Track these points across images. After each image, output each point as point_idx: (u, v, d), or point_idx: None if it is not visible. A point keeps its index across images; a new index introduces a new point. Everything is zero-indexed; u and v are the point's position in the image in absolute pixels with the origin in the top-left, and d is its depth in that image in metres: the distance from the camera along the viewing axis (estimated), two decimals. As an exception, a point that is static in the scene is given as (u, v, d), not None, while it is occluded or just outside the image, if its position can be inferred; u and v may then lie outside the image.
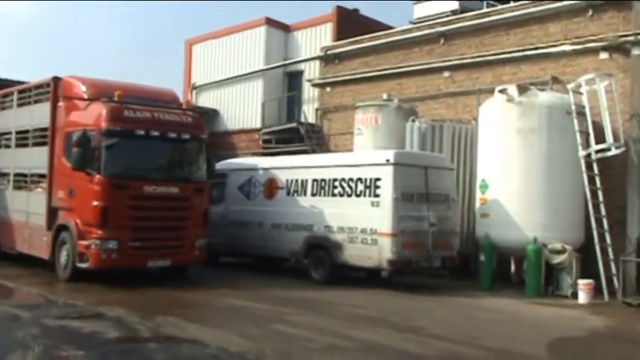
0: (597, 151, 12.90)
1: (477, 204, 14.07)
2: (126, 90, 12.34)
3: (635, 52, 13.21)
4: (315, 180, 13.85)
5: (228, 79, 23.18)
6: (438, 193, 13.12)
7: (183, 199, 12.52)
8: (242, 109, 22.80)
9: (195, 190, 12.69)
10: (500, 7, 16.17)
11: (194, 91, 24.47)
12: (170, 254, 12.31)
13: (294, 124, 20.27)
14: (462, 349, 8.26)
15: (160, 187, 12.21)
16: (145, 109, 12.26)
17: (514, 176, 13.30)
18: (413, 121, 15.15)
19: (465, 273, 14.19)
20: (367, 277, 13.60)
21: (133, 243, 11.81)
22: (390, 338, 8.75)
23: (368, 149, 15.48)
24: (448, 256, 13.25)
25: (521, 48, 15.11)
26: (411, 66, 17.42)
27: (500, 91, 13.62)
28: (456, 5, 18.07)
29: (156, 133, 12.11)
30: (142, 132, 11.95)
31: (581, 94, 13.09)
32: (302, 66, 21.55)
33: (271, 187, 14.80)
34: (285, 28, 22.53)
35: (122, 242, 11.70)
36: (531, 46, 14.93)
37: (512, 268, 13.93)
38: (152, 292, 11.57)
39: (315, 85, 20.58)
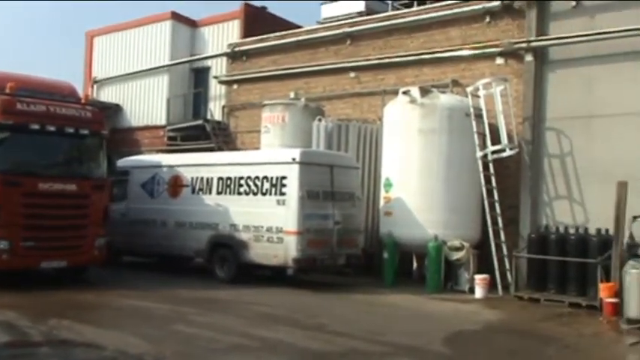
0: (493, 152, 13.49)
1: (381, 202, 14.38)
2: (19, 82, 11.75)
3: (528, 58, 13.92)
4: (220, 178, 13.70)
5: (131, 73, 22.51)
6: (343, 192, 13.30)
7: (82, 196, 12.06)
8: (146, 105, 22.22)
9: (95, 187, 12.26)
10: (404, 10, 16.61)
11: (95, 86, 23.59)
12: (66, 255, 11.81)
13: (200, 122, 19.95)
14: (363, 345, 8.43)
15: (57, 184, 11.71)
16: (41, 102, 11.72)
17: (416, 175, 13.68)
18: (319, 120, 15.30)
19: (370, 270, 14.46)
20: (273, 276, 13.59)
21: (26, 243, 11.27)
22: (294, 336, 8.80)
23: (275, 147, 15.51)
24: (353, 253, 13.48)
25: (423, 51, 15.58)
26: (318, 65, 17.56)
27: (404, 93, 13.98)
28: (362, 7, 18.36)
29: (52, 128, 11.60)
30: (36, 126, 11.42)
31: (478, 97, 13.65)
32: (209, 62, 21.26)
33: (176, 185, 14.51)
34: (192, 24, 22.16)
35: (14, 242, 11.15)
36: (433, 50, 15.40)
37: (415, 264, 14.33)
38: (46, 294, 11.04)
39: (222, 82, 20.34)
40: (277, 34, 18.87)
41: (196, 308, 10.47)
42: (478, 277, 12.70)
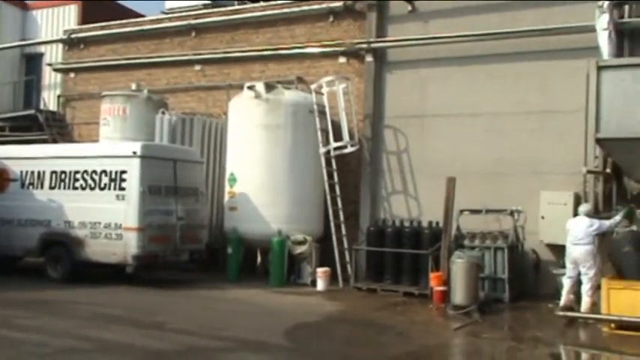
0: (335, 148, 13.87)
1: (226, 197, 14.26)
2: None
3: (369, 58, 14.48)
4: (54, 172, 12.87)
5: (-48, 57, 20.43)
6: (186, 187, 13.05)
7: None
8: (-29, 92, 20.29)
9: None
10: (250, 5, 16.55)
11: None
12: None
13: (32, 111, 18.52)
14: (203, 342, 8.31)
15: None
16: None
17: (260, 171, 13.72)
18: (163, 113, 14.85)
19: (214, 266, 14.30)
20: (113, 275, 12.98)
21: None
22: (131, 336, 8.48)
23: (115, 141, 14.81)
24: (196, 249, 13.27)
25: (269, 47, 15.65)
26: (162, 57, 17.05)
27: (249, 88, 13.97)
28: (208, -1, 18.07)
29: None
30: None
31: (322, 94, 13.97)
32: (42, 48, 19.84)
33: (2, 178, 13.40)
34: (23, 6, 20.57)
35: None
36: (279, 46, 15.52)
37: (259, 259, 14.38)
38: None
39: (57, 70, 19.11)
40: (119, 22, 18.05)
41: (24, 311, 9.74)
42: (320, 270, 13.00)
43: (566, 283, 10.56)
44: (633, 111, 9.86)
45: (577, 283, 10.49)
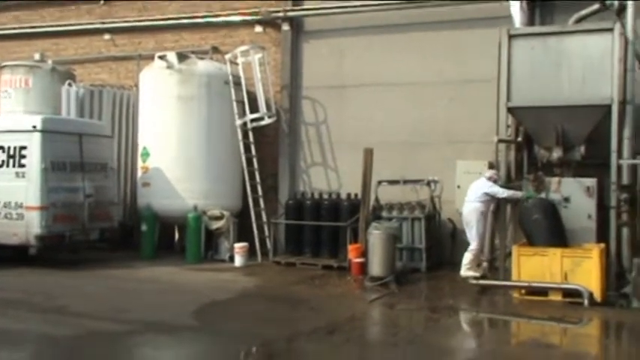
0: (252, 120, 13.49)
1: (139, 173, 13.69)
2: None
3: (285, 27, 14.06)
4: (-56, 148, 11.96)
5: None
6: (94, 162, 12.45)
7: None
8: None
9: None
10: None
11: None
12: None
13: None
14: (106, 325, 7.89)
15: None
16: None
17: (174, 144, 13.21)
18: (70, 85, 14.02)
19: (129, 244, 13.77)
20: (15, 257, 12.23)
21: None
22: (27, 321, 8.01)
23: (17, 114, 13.89)
24: (107, 227, 12.72)
25: (183, 15, 14.98)
26: (69, 25, 16.09)
27: (160, 58, 13.36)
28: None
29: None
30: None
31: (237, 64, 13.52)
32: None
33: None
34: None
35: None
36: (193, 15, 14.88)
37: (177, 236, 13.95)
38: None
39: (-45, 40, 17.76)
40: (20, -13, 16.91)
41: None
42: (237, 245, 12.70)
43: (468, 250, 10.78)
44: (542, 79, 9.99)
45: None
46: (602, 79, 9.64)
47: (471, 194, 10.65)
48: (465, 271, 10.63)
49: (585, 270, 9.25)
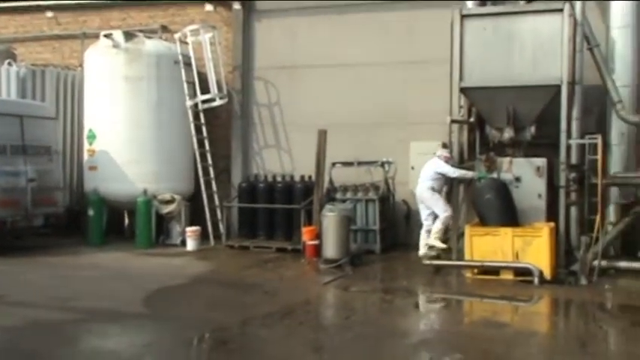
0: (203, 102, 13.19)
1: (86, 156, 13.26)
2: None
3: (236, 6, 13.74)
4: None
5: None
6: (37, 145, 12.00)
7: None
8: None
9: None
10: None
11: None
12: None
13: None
14: (49, 315, 7.58)
15: None
16: None
17: (123, 126, 12.83)
18: (10, 64, 13.46)
19: (76, 230, 13.37)
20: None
21: None
22: (-37, 313, 7.60)
23: (-45, 96, 13.28)
24: (52, 213, 12.31)
25: (130, -8, 14.52)
26: (8, 2, 15.38)
27: (106, 36, 12.90)
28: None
29: None
30: None
31: (187, 44, 13.16)
32: None
33: None
34: None
35: None
36: (139, -8, 14.45)
37: (127, 221, 13.59)
38: None
39: None
40: (-44, -38, 16.07)
41: None
42: (189, 229, 12.46)
43: (423, 230, 10.74)
44: (494, 60, 10.02)
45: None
46: (552, 59, 9.71)
47: (424, 174, 10.63)
48: (433, 241, 10.40)
49: (536, 249, 9.37)
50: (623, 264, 9.92)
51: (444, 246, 10.38)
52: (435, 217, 10.49)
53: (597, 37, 10.34)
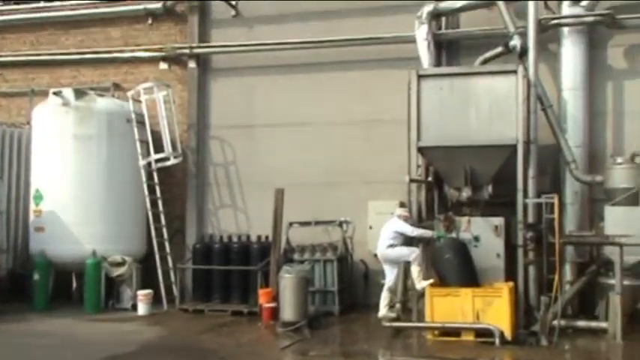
0: (157, 161, 12.89)
1: (32, 217, 12.72)
2: None
3: (191, 65, 13.64)
4: None
5: None
6: (-21, 206, 11.40)
7: None
8: None
9: None
10: (58, 3, 14.83)
11: None
12: None
13: None
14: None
15: None
16: None
17: (71, 186, 12.39)
18: (-46, 122, 12.99)
19: (20, 295, 12.68)
20: None
21: None
22: None
23: None
24: (-6, 277, 11.64)
25: (81, 50, 14.27)
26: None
27: (55, 94, 12.59)
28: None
29: None
30: None
31: (140, 102, 12.95)
32: None
33: None
34: None
35: None
36: (93, 50, 14.20)
37: (75, 284, 13.00)
38: None
39: None
40: None
41: None
42: (141, 292, 11.96)
43: (384, 290, 10.56)
44: (450, 119, 10.11)
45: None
46: (508, 119, 9.86)
47: (383, 234, 10.51)
48: (420, 284, 10.03)
49: (496, 309, 9.26)
50: (581, 323, 9.92)
51: (430, 281, 9.93)
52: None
53: (550, 98, 10.60)
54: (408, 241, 10.46)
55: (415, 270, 10.16)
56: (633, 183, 9.94)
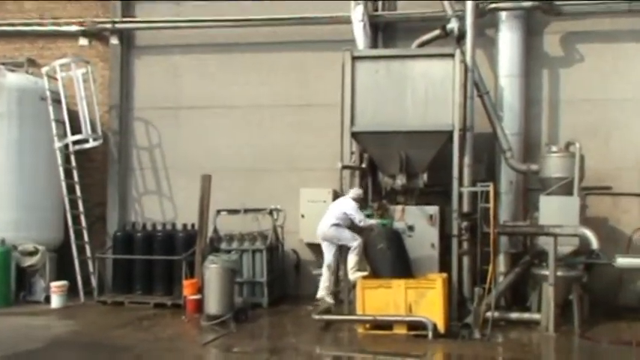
0: (75, 143, 12.04)
1: None
2: None
3: (114, 41, 12.75)
4: None
5: None
6: None
7: None
8: None
9: None
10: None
11: None
12: None
13: None
14: None
15: None
16: None
17: (-21, 169, 11.43)
18: None
19: None
20: None
21: None
22: None
23: None
24: None
25: (-7, 22, 13.20)
26: None
27: (-39, 68, 11.55)
28: None
29: None
30: None
31: (56, 79, 12.03)
32: None
33: None
34: None
35: None
36: (5, 22, 13.12)
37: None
38: None
39: None
40: None
41: None
42: (54, 284, 11.18)
43: (324, 267, 10.04)
44: (386, 104, 9.72)
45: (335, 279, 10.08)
46: (444, 105, 9.58)
47: (330, 212, 9.82)
48: (353, 275, 9.53)
49: (429, 301, 8.96)
50: (514, 315, 9.75)
51: (364, 274, 9.50)
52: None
53: (486, 85, 10.34)
54: (354, 227, 9.94)
55: (352, 260, 9.66)
56: (568, 172, 9.76)
